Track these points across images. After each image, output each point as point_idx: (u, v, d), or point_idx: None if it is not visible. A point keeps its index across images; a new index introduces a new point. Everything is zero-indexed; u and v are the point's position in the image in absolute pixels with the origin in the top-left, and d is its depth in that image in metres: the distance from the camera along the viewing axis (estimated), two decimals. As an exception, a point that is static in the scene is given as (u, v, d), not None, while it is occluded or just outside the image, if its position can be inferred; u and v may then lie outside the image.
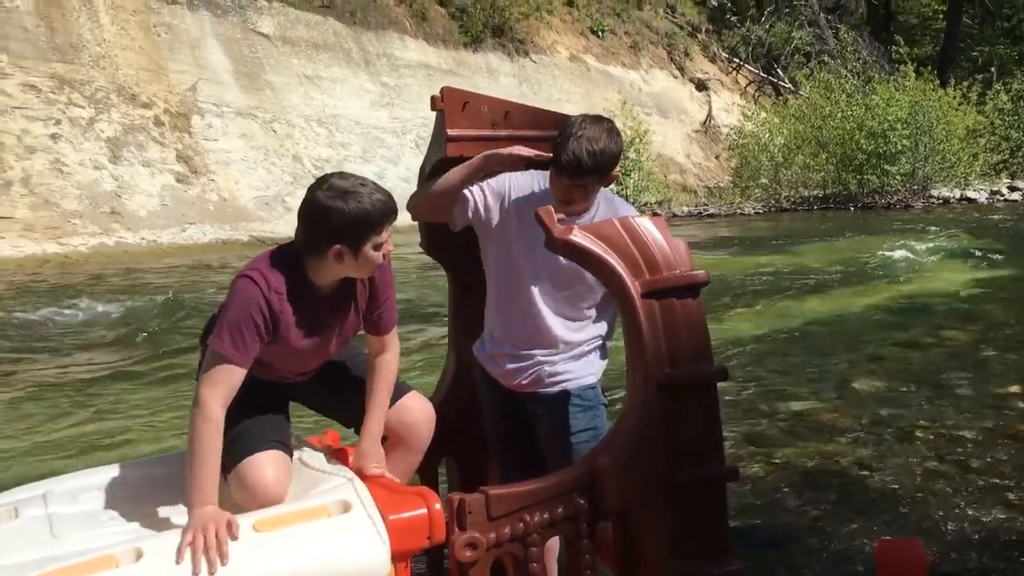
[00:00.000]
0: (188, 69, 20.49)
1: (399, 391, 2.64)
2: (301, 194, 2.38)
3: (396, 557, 2.21)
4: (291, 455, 2.48)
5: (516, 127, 2.49)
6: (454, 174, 2.58)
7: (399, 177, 21.83)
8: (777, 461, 4.84)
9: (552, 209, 2.25)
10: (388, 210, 2.35)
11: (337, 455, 2.61)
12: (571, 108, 14.40)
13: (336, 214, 2.28)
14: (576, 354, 2.69)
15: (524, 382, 2.69)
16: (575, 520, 2.19)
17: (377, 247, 2.36)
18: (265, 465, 2.34)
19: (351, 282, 2.48)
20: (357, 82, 23.65)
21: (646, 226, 2.28)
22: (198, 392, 2.29)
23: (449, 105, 2.43)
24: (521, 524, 2.14)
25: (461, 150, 2.42)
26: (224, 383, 2.28)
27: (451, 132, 2.43)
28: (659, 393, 2.17)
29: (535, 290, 2.64)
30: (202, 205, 18.86)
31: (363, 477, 2.41)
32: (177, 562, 2.02)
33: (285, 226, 19.02)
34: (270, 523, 2.16)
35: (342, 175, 2.37)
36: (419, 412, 2.65)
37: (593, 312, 2.71)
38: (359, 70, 24.00)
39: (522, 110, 2.52)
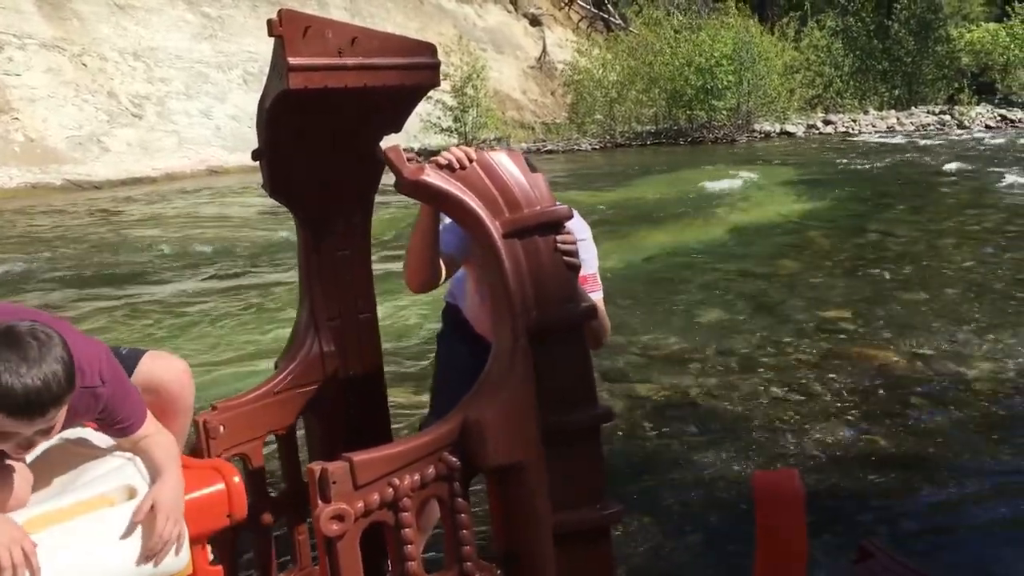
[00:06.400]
0: (-20, -4, 18.57)
1: (134, 358, 2.23)
2: (119, 133, 2.06)
3: (193, 540, 2.01)
4: None
5: (365, 55, 2.22)
6: (415, 239, 2.43)
7: (227, 115, 20.70)
8: (632, 395, 4.88)
9: (400, 147, 2.08)
10: (24, 404, 1.73)
11: None
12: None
13: None
14: None
15: None
16: (448, 479, 2.05)
17: None
18: None
19: None
20: (175, 12, 22.12)
21: (502, 161, 2.13)
22: None
23: (288, 30, 2.12)
24: (391, 489, 1.98)
25: (305, 81, 2.13)
26: None
27: (293, 61, 2.12)
28: (527, 339, 2.05)
29: None
30: (5, 146, 17.28)
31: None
32: None
33: (103, 168, 17.68)
34: (40, 522, 1.86)
35: (46, 336, 1.78)
36: (163, 367, 2.24)
37: None
38: (177, -1, 22.45)
39: (371, 36, 2.25)
